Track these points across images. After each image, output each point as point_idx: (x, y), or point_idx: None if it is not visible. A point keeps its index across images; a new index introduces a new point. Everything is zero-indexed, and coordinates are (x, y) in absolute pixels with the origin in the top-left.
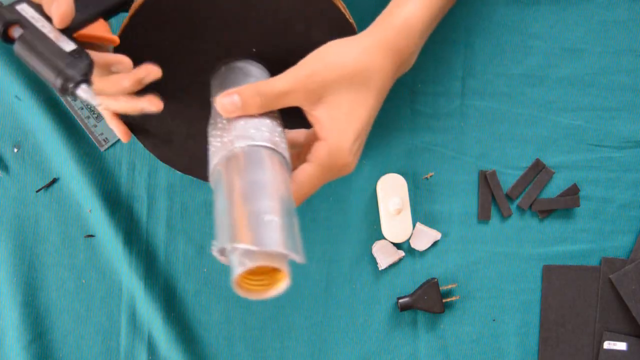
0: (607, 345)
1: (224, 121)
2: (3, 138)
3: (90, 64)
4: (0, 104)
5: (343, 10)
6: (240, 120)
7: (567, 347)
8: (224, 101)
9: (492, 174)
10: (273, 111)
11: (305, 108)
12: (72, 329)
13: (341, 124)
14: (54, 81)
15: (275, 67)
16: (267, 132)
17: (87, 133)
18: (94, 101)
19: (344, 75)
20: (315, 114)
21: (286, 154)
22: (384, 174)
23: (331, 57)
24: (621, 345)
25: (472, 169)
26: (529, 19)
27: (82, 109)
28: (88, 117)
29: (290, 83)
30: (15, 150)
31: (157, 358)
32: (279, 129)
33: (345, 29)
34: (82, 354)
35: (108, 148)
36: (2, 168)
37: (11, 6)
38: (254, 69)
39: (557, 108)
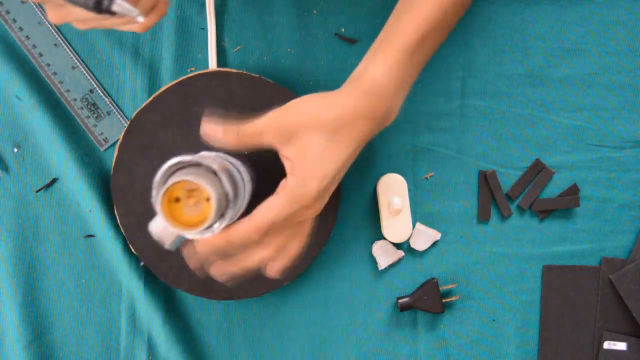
0: (607, 345)
1: None
2: (3, 138)
3: None
4: (0, 104)
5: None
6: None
7: (567, 347)
8: (207, 126)
9: (492, 174)
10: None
11: (277, 147)
12: (72, 329)
13: (308, 164)
14: (85, 1)
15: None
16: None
17: (87, 133)
18: (133, 12)
19: (312, 121)
20: (285, 153)
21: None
22: (384, 174)
23: (302, 105)
24: (621, 345)
25: (472, 169)
26: (529, 19)
27: (82, 108)
28: (88, 117)
29: (264, 124)
30: (15, 150)
31: (157, 358)
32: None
33: None
34: (82, 354)
35: (108, 148)
36: (2, 168)
37: None
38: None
39: (557, 108)
